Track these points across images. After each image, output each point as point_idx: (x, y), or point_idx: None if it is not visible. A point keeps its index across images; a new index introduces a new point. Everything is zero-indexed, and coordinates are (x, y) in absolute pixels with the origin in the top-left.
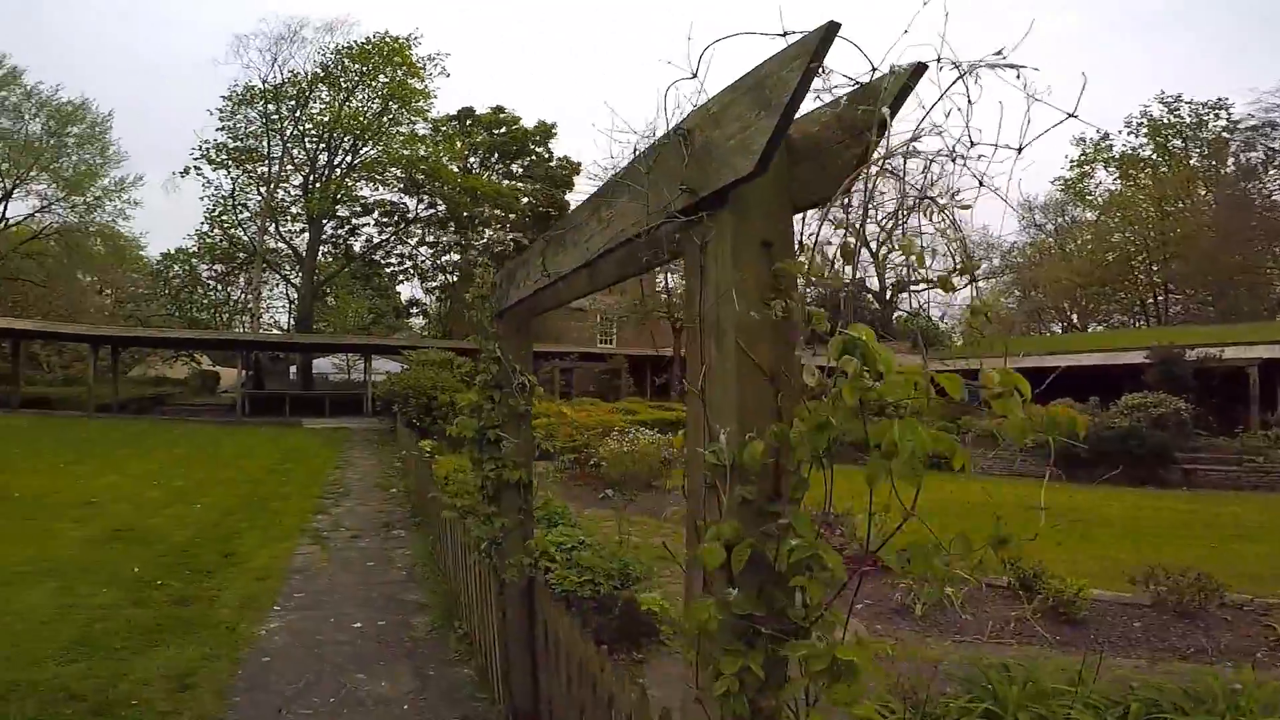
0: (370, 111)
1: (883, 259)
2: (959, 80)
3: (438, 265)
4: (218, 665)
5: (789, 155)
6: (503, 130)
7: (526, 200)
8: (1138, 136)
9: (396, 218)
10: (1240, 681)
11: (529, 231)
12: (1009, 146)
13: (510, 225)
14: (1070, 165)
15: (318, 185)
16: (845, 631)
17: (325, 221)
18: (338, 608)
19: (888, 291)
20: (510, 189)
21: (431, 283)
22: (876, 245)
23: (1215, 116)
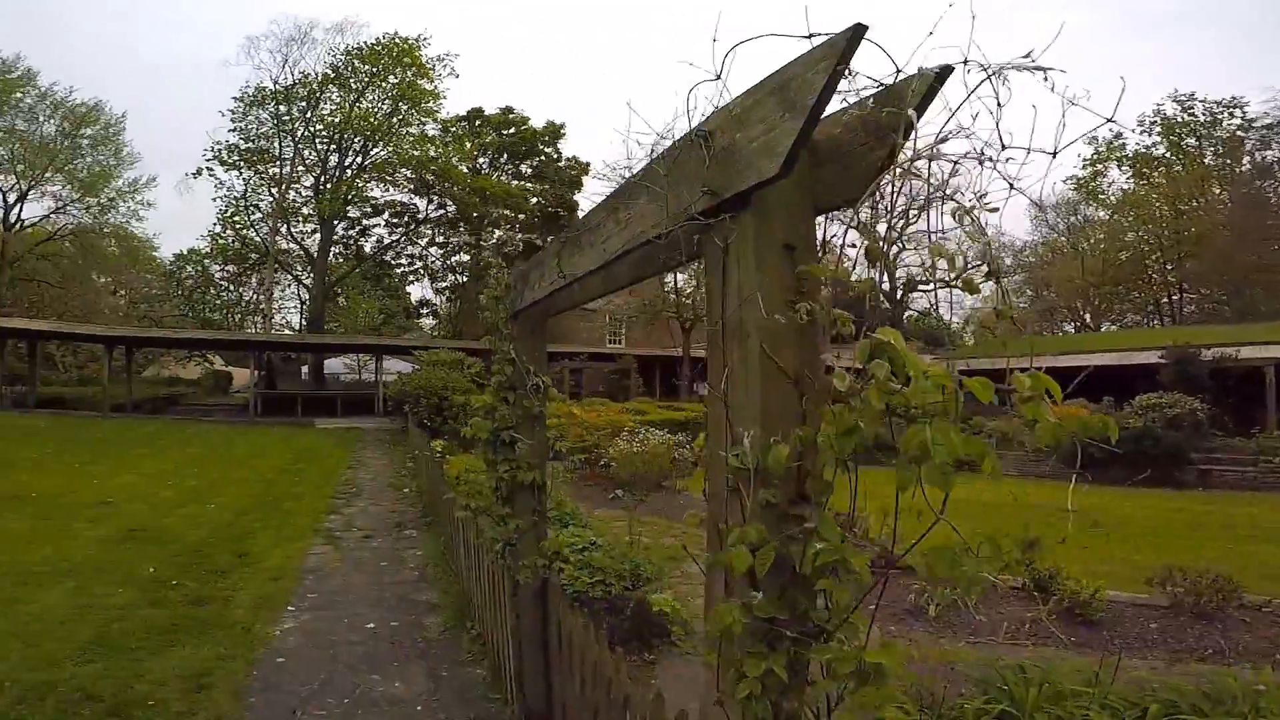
0: (380, 112)
1: (894, 259)
2: (985, 82)
3: (448, 266)
4: (233, 666)
5: (811, 157)
6: (511, 131)
7: (536, 200)
8: (1151, 135)
9: (407, 218)
10: (1264, 683)
11: (539, 232)
12: (1043, 151)
13: (520, 226)
14: (1083, 164)
15: (329, 186)
16: (868, 634)
17: (336, 222)
18: (351, 608)
19: (898, 291)
20: (519, 189)
21: (441, 283)
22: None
23: (1230, 115)
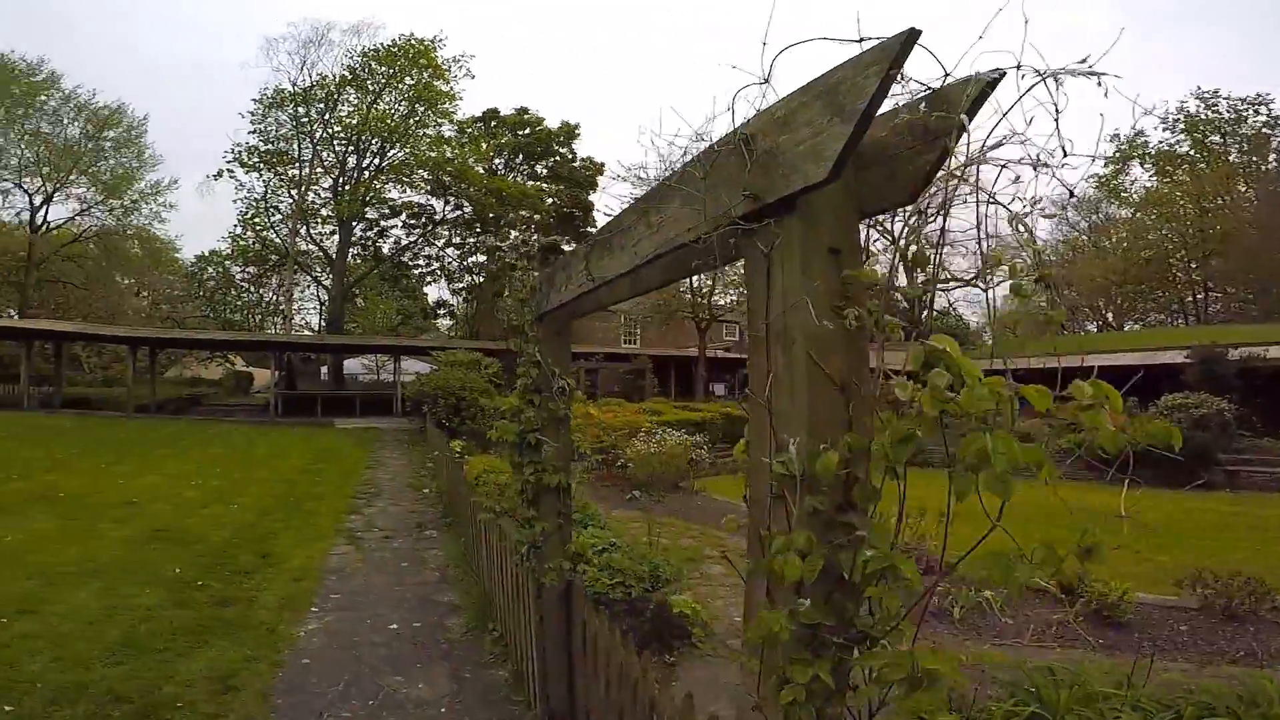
0: (397, 114)
1: (938, 264)
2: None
3: (465, 266)
4: (259, 667)
5: (856, 160)
6: (527, 131)
7: (551, 201)
8: (1174, 133)
9: (424, 219)
10: None
11: (555, 232)
12: (1098, 157)
13: (536, 226)
14: (1105, 162)
15: (347, 188)
16: (915, 638)
17: (354, 224)
18: (373, 609)
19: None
20: (535, 189)
21: (458, 284)
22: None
23: (1255, 112)
